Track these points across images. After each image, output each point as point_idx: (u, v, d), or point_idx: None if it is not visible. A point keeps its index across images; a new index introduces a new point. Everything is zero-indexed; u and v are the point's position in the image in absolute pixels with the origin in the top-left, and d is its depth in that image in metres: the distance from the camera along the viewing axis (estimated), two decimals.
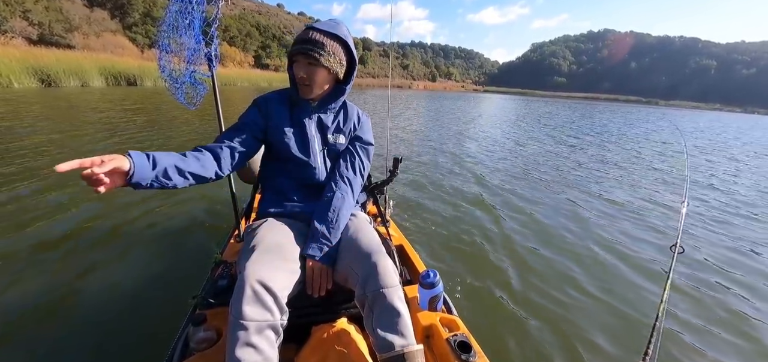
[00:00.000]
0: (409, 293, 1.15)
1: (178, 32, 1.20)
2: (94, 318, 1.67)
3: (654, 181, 5.29)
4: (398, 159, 1.46)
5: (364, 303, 0.92)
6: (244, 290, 0.78)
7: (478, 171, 5.12)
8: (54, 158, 4.28)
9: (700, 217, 3.77)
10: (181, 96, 1.27)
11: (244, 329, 0.76)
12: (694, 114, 42.50)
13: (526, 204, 3.74)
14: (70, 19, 27.16)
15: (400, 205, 3.37)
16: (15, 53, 16.06)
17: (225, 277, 1.18)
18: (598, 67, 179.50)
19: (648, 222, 3.47)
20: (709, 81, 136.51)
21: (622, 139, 10.38)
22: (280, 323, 0.83)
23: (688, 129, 17.10)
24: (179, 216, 2.85)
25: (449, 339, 0.99)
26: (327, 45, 1.07)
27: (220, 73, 27.34)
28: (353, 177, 1.20)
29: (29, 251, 2.21)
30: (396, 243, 1.56)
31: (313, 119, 1.19)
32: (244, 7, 73.69)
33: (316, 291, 1.00)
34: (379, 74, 77.59)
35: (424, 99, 28.17)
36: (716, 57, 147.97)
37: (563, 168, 5.74)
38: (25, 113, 7.49)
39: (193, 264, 2.13)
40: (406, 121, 11.17)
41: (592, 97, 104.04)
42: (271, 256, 0.90)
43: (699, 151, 9.29)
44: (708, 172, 6.37)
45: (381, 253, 0.96)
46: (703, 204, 4.30)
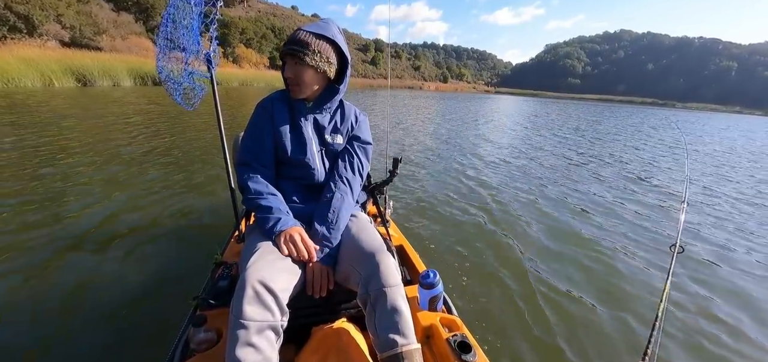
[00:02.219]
0: (409, 293, 1.13)
1: (177, 33, 1.19)
2: (94, 318, 1.69)
3: (654, 181, 5.33)
4: (398, 159, 1.46)
5: (366, 302, 0.93)
6: (244, 290, 0.79)
7: (478, 171, 5.17)
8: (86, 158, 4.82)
9: (700, 217, 3.79)
10: (179, 96, 1.26)
11: (244, 329, 0.77)
12: (704, 116, 41.18)
13: (526, 204, 3.78)
14: (98, 22, 28.77)
15: (400, 205, 3.40)
16: (53, 55, 17.42)
17: (225, 278, 1.19)
18: (613, 68, 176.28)
19: (648, 222, 3.48)
20: (730, 83, 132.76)
21: (621, 139, 10.47)
22: (281, 323, 0.84)
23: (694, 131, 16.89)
24: (179, 216, 2.88)
25: (449, 339, 1.00)
26: (312, 44, 1.09)
27: (238, 74, 28.13)
28: (352, 177, 1.21)
29: (30, 251, 2.24)
30: (396, 243, 1.57)
31: (309, 120, 1.20)
32: (260, 10, 75.53)
33: (317, 292, 1.01)
34: (391, 75, 78.47)
35: (434, 99, 28.68)
36: (737, 58, 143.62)
37: (563, 168, 5.79)
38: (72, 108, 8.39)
39: (193, 264, 2.13)
40: (411, 123, 11.35)
41: (606, 99, 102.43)
42: (272, 257, 0.92)
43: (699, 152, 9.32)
44: (705, 171, 6.47)
45: (383, 252, 0.97)
46: (704, 203, 4.35)
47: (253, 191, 1.08)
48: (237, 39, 43.87)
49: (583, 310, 2.00)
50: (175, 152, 5.06)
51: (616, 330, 1.86)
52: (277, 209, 1.05)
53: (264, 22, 59.79)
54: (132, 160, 4.46)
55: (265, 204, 1.05)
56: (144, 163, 4.38)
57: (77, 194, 3.20)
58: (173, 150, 5.18)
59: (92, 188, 3.38)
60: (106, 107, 9.69)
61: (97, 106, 9.73)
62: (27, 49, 17.77)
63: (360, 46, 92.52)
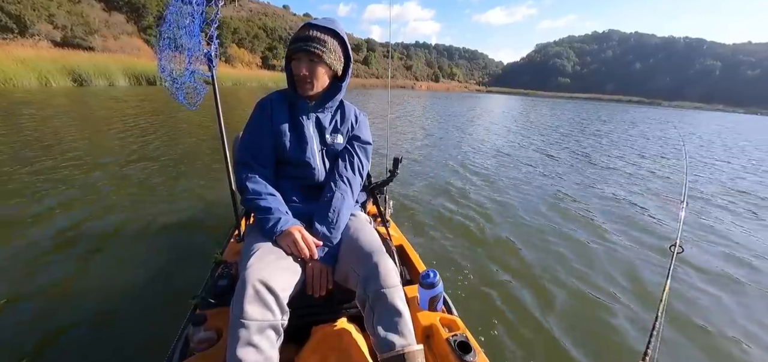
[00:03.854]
0: (409, 293, 1.14)
1: (178, 32, 1.21)
2: (94, 318, 1.69)
3: (654, 181, 5.34)
4: (398, 159, 1.46)
5: (365, 303, 0.93)
6: (245, 289, 0.80)
7: (479, 172, 5.16)
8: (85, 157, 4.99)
9: (700, 216, 3.80)
10: (182, 96, 1.28)
11: (245, 328, 0.77)
12: (686, 114, 41.71)
13: (526, 204, 3.78)
14: (90, 22, 28.81)
15: (400, 205, 3.40)
16: (46, 55, 17.61)
17: (225, 277, 1.19)
18: (602, 67, 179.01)
19: (647, 222, 3.49)
20: (714, 82, 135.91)
21: (621, 139, 10.49)
22: (281, 323, 0.84)
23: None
24: (179, 216, 2.88)
25: (449, 339, 1.00)
26: (328, 42, 1.10)
27: (230, 73, 28.38)
28: (352, 176, 1.21)
29: (30, 250, 2.24)
30: (396, 243, 1.57)
31: (311, 119, 1.20)
32: (251, 10, 75.43)
33: (317, 292, 1.02)
34: (383, 75, 78.87)
35: (426, 98, 29.04)
36: (722, 58, 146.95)
37: (562, 168, 5.80)
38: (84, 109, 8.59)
39: (193, 264, 2.13)
40: (407, 122, 11.44)
41: (595, 98, 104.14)
42: (272, 257, 0.92)
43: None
44: (703, 172, 6.50)
45: (382, 253, 0.98)
46: (704, 202, 4.38)
47: (252, 191, 1.09)
48: (229, 39, 43.97)
49: (583, 310, 2.01)
50: (175, 152, 5.10)
51: (615, 330, 1.86)
52: (276, 209, 1.06)
53: (256, 22, 59.82)
54: (132, 159, 4.52)
55: (264, 205, 1.06)
56: (144, 162, 4.42)
57: (77, 194, 3.21)
58: (173, 149, 5.24)
59: (92, 188, 3.42)
60: (105, 106, 9.96)
61: (95, 105, 10.00)
62: (20, 49, 17.91)
63: (352, 46, 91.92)
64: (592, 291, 2.22)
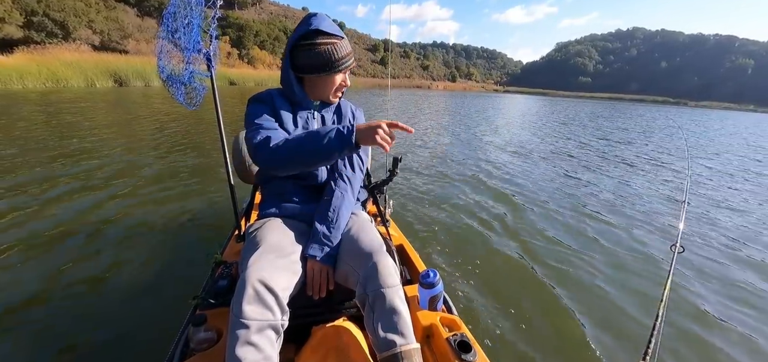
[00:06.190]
0: (409, 293, 1.14)
1: (177, 32, 1.20)
2: (93, 317, 1.69)
3: (654, 181, 5.29)
4: (398, 159, 1.45)
5: (365, 303, 0.93)
6: (245, 289, 0.80)
7: (478, 170, 5.15)
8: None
9: (700, 216, 3.78)
10: (181, 96, 1.27)
11: (245, 328, 0.77)
12: (710, 114, 39.58)
13: (526, 204, 3.77)
14: (125, 27, 30.78)
15: (400, 205, 3.39)
16: (89, 58, 19.14)
17: (225, 277, 1.20)
18: (625, 66, 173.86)
19: (648, 221, 3.48)
20: (746, 81, 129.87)
21: (623, 138, 10.31)
22: (281, 323, 0.84)
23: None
24: (179, 216, 2.87)
25: (449, 338, 1.00)
26: (352, 51, 1.14)
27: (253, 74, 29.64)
28: (352, 174, 1.21)
29: (30, 250, 2.23)
30: (396, 242, 1.57)
31: (316, 118, 1.20)
32: (272, 12, 77.69)
33: (317, 292, 1.02)
34: (399, 75, 79.61)
35: (442, 97, 29.08)
36: (754, 55, 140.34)
37: (562, 168, 5.76)
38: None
39: (193, 264, 2.13)
40: (415, 121, 11.52)
41: (616, 98, 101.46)
42: (272, 256, 0.92)
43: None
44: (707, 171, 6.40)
45: (382, 253, 0.98)
46: (705, 202, 4.34)
47: (280, 139, 1.02)
48: (251, 41, 45.56)
49: (583, 309, 2.00)
50: (174, 151, 5.11)
51: (616, 329, 1.86)
52: (321, 128, 1.00)
53: (276, 24, 61.57)
54: (131, 159, 4.53)
55: (304, 135, 1.01)
56: (143, 162, 4.44)
57: (77, 193, 3.24)
58: (172, 149, 5.24)
59: (92, 187, 3.44)
60: (143, 105, 10.75)
61: (128, 103, 10.64)
62: (66, 53, 19.53)
63: (369, 47, 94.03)
64: (592, 290, 2.24)
